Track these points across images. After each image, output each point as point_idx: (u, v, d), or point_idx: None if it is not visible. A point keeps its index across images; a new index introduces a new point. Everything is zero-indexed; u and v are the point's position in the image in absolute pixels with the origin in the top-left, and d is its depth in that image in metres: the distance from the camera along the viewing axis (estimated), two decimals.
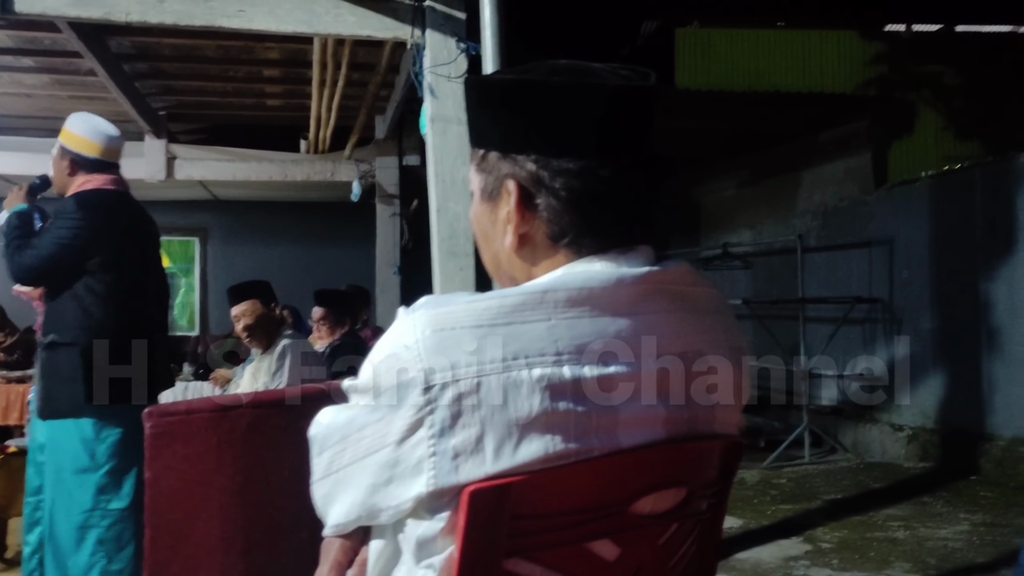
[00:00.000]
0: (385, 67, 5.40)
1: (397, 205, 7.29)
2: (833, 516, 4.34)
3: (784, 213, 8.10)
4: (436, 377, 0.81)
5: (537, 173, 0.90)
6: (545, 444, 0.82)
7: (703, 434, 0.95)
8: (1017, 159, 5.15)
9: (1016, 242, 5.07)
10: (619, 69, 0.92)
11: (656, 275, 0.91)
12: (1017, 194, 5.08)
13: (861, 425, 6.15)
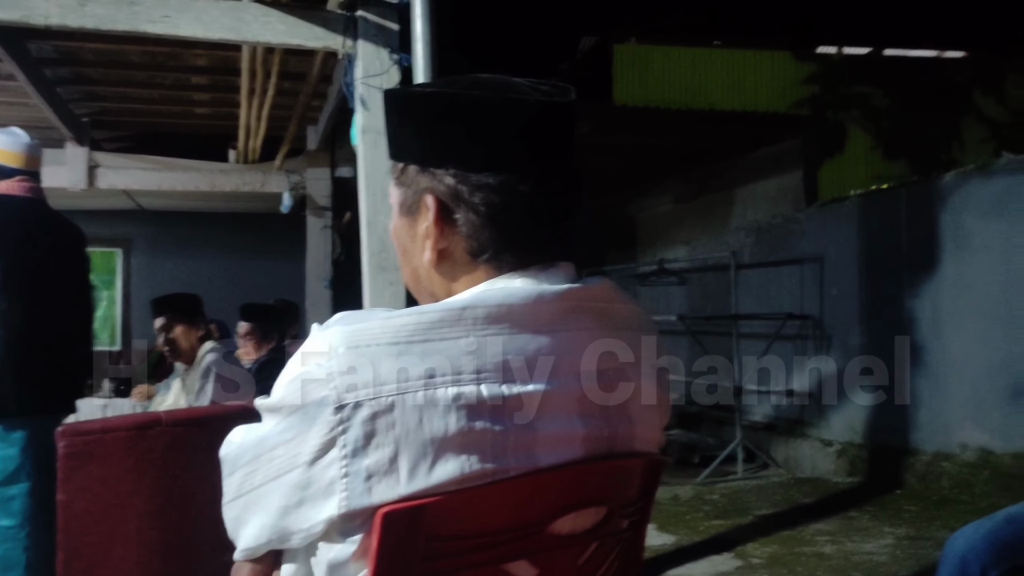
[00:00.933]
0: (316, 77, 5.35)
1: (329, 217, 7.21)
2: (764, 531, 4.41)
3: (719, 230, 8.26)
4: (349, 396, 0.80)
5: (456, 188, 0.90)
6: (461, 464, 0.82)
7: (623, 452, 0.95)
8: (939, 180, 5.34)
9: (938, 260, 5.26)
10: (540, 84, 0.93)
11: (577, 292, 0.91)
12: (939, 213, 5.27)
13: (792, 440, 6.29)
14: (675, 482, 5.76)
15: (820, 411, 6.21)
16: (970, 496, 4.77)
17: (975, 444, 4.96)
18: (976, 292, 4.99)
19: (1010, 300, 4.75)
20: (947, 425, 5.15)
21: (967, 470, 4.92)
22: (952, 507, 4.63)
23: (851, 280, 5.99)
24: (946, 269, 5.22)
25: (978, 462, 4.91)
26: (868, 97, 8.44)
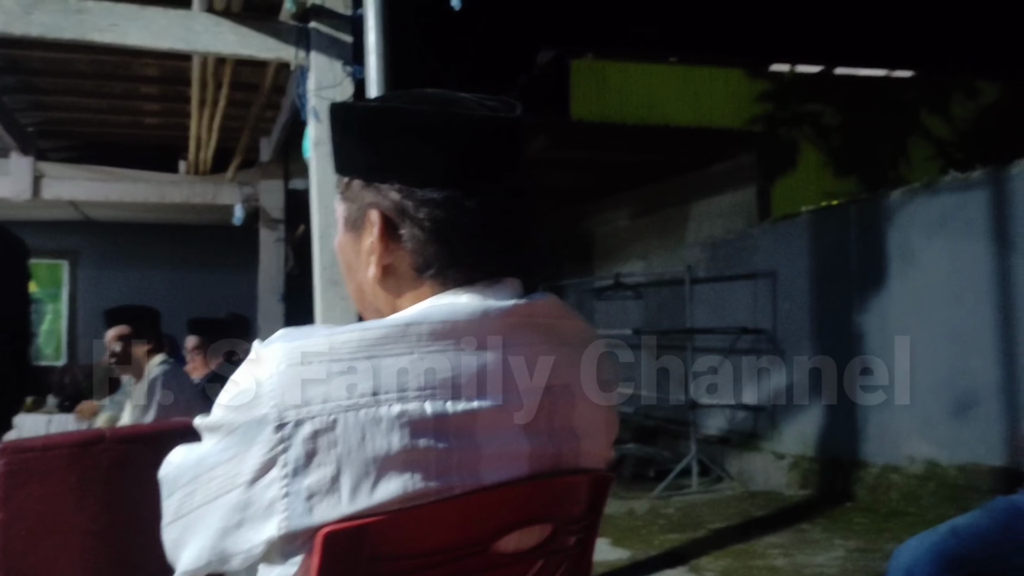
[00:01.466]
0: (269, 88, 5.32)
1: (282, 230, 7.15)
2: (717, 545, 4.45)
3: (674, 244, 8.35)
4: (290, 414, 0.79)
5: (401, 203, 0.90)
6: (404, 483, 0.81)
7: (569, 469, 0.95)
8: (887, 197, 5.46)
9: (886, 276, 5.37)
10: (486, 100, 0.93)
11: (523, 308, 0.91)
12: (887, 230, 5.38)
13: (746, 454, 6.35)
14: (631, 496, 5.78)
15: (773, 424, 6.29)
16: (918, 508, 4.86)
17: (922, 456, 5.06)
18: (922, 307, 5.11)
19: (954, 315, 4.86)
20: (895, 438, 5.24)
21: (915, 482, 5.02)
22: (900, 519, 4.71)
23: (803, 295, 6.09)
24: (894, 284, 5.33)
25: (925, 474, 5.01)
26: (820, 115, 8.60)
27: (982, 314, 4.69)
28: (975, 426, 4.72)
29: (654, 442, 7.44)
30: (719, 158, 8.54)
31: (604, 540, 4.61)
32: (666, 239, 8.74)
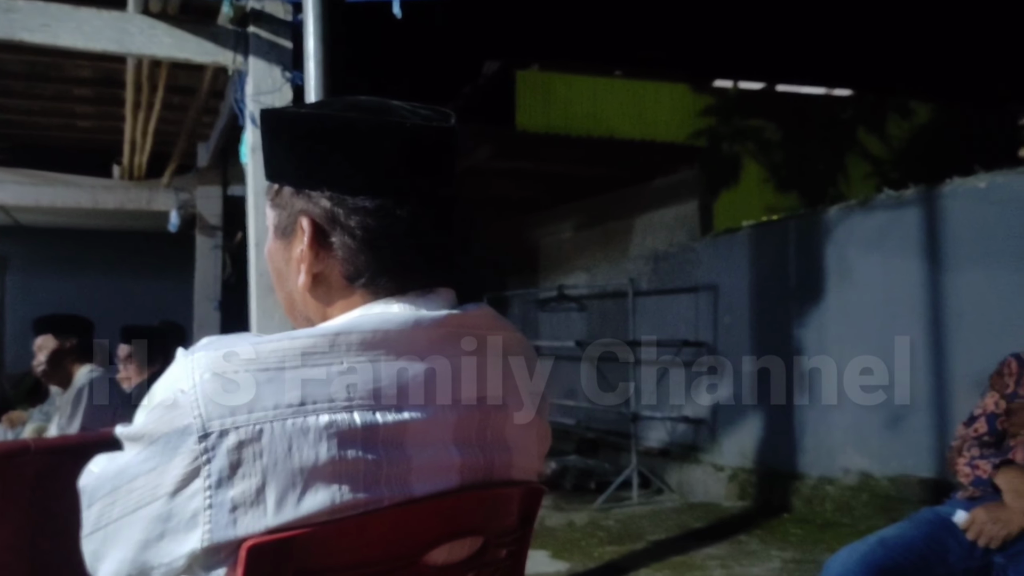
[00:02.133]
0: (207, 92, 5.24)
1: (220, 237, 7.04)
2: (656, 557, 4.49)
3: (618, 257, 8.43)
4: (214, 424, 0.78)
5: (332, 211, 0.90)
6: (332, 494, 0.81)
7: (500, 481, 0.96)
8: (824, 213, 5.60)
9: (823, 290, 5.50)
10: (419, 109, 0.93)
11: (456, 318, 0.92)
12: (824, 245, 5.51)
13: (686, 465, 6.43)
14: (571, 508, 5.80)
15: (713, 436, 6.38)
16: (851, 518, 4.97)
17: (856, 468, 5.19)
18: (857, 321, 5.24)
19: (887, 329, 5.00)
20: (831, 450, 5.36)
21: (849, 493, 5.13)
22: (835, 529, 4.81)
23: (743, 308, 6.20)
24: (830, 299, 5.46)
25: (859, 485, 5.13)
26: (761, 131, 8.78)
27: (914, 329, 4.83)
28: (906, 438, 4.85)
29: (595, 454, 7.48)
30: (663, 172, 8.66)
31: (543, 553, 4.61)
32: (610, 251, 8.82)
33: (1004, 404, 2.34)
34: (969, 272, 4.59)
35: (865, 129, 8.90)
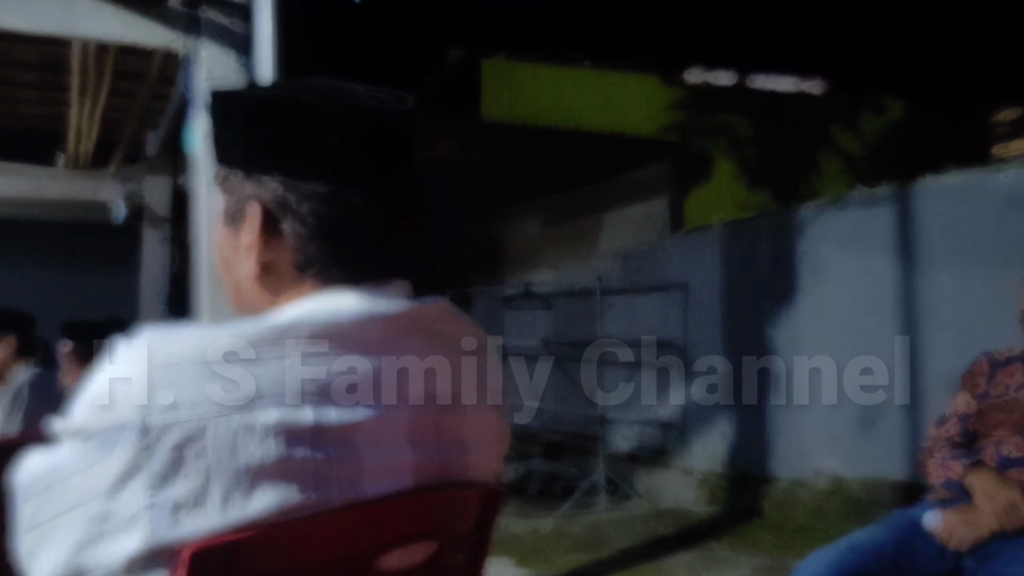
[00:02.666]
0: (156, 78, 5.16)
1: (168, 229, 6.94)
2: (624, 564, 4.51)
3: (586, 254, 8.45)
4: (155, 419, 0.77)
5: (283, 196, 0.88)
6: (279, 495, 0.80)
7: (456, 482, 0.95)
8: (797, 211, 5.66)
9: (796, 289, 5.56)
10: (377, 92, 0.92)
11: (412, 312, 0.91)
12: (797, 243, 5.58)
13: (655, 470, 6.46)
14: (536, 514, 5.81)
15: (683, 440, 6.42)
16: (823, 523, 5.03)
17: (828, 471, 5.25)
18: (830, 321, 5.31)
19: (861, 329, 5.07)
20: (802, 452, 5.43)
21: (821, 497, 5.20)
22: (806, 535, 4.86)
23: (714, 307, 6.25)
24: (803, 298, 5.52)
25: (831, 489, 5.20)
26: (733, 126, 8.84)
27: (887, 328, 4.91)
28: (878, 440, 4.93)
29: (561, 458, 7.50)
30: (632, 167, 8.68)
31: (507, 560, 4.62)
32: (577, 248, 8.84)
33: (975, 404, 2.38)
34: (942, 271, 4.67)
35: (838, 126, 9.01)
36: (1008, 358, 2.38)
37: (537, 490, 6.57)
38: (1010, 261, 2.82)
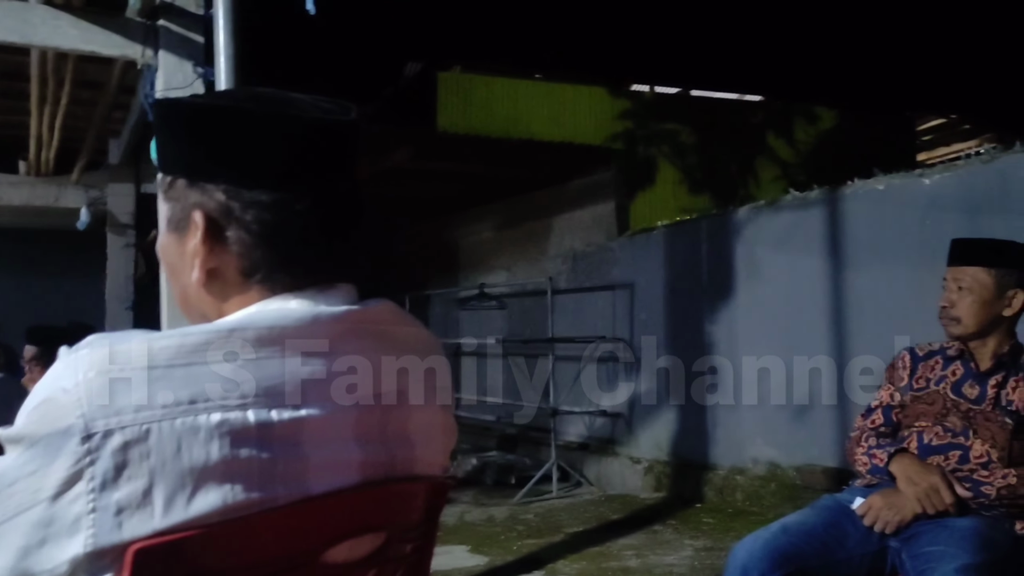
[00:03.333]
0: (116, 87, 5.04)
1: (132, 235, 6.80)
2: (574, 548, 4.52)
3: (537, 256, 8.46)
4: (98, 424, 0.74)
5: (227, 204, 0.87)
6: (224, 494, 0.78)
7: (403, 476, 0.94)
8: (735, 213, 5.73)
9: (734, 287, 5.63)
10: (321, 102, 0.91)
11: (356, 314, 0.90)
12: (735, 244, 5.64)
13: (604, 459, 6.50)
14: (491, 503, 5.81)
15: (630, 430, 6.46)
16: (760, 507, 5.10)
17: (765, 458, 5.32)
18: (765, 317, 5.38)
19: (793, 325, 5.14)
20: (741, 441, 5.49)
21: (758, 483, 5.27)
22: (745, 518, 4.92)
23: (658, 306, 6.30)
24: (740, 296, 5.59)
25: (767, 475, 5.27)
26: (676, 134, 8.92)
27: (818, 324, 4.98)
28: (811, 429, 5.00)
29: (516, 449, 7.51)
30: (580, 173, 8.72)
31: (463, 548, 4.61)
32: (529, 251, 8.85)
33: (899, 396, 2.42)
34: (868, 270, 4.75)
35: (774, 133, 9.14)
36: (929, 352, 2.43)
37: (493, 480, 6.56)
38: (932, 260, 2.88)
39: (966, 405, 2.27)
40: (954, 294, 2.30)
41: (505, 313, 8.24)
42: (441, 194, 9.53)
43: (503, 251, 9.32)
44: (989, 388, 2.26)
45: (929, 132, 10.38)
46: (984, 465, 2.19)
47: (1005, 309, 2.28)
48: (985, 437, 2.21)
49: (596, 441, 6.78)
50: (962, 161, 4.52)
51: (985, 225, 4.00)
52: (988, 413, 2.23)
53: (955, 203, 4.30)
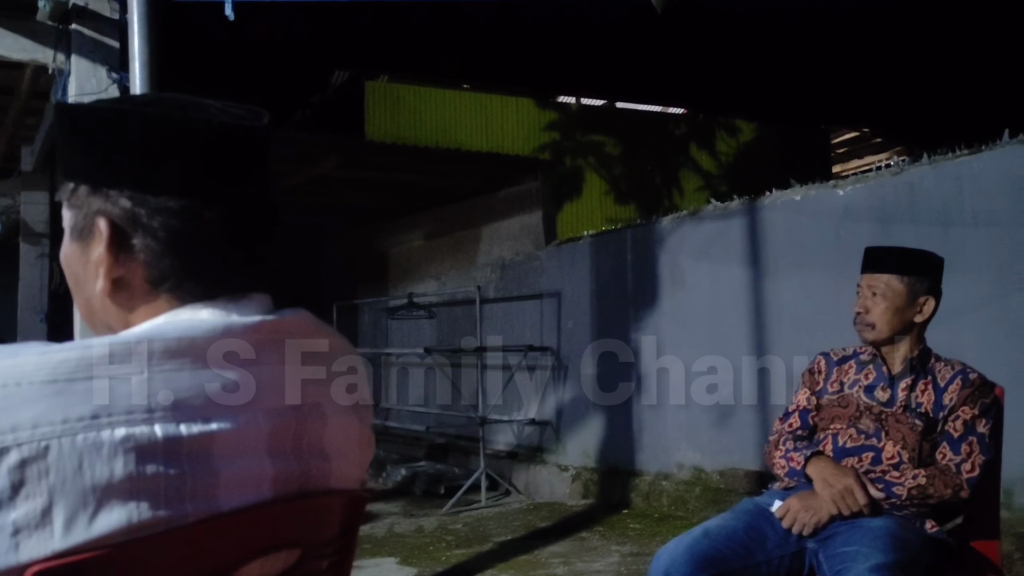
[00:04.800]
0: (27, 92, 4.84)
1: (46, 245, 6.54)
2: (502, 557, 4.51)
3: (466, 265, 8.45)
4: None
5: (133, 211, 0.83)
6: (129, 512, 0.74)
7: (318, 490, 0.91)
8: (659, 223, 5.81)
9: (658, 295, 5.71)
10: (230, 107, 0.88)
11: (271, 324, 0.87)
12: (659, 253, 5.73)
13: (532, 467, 6.50)
14: (420, 514, 5.75)
15: (558, 438, 6.48)
16: (685, 511, 5.17)
17: (689, 463, 5.40)
18: (689, 324, 5.47)
19: (715, 332, 5.24)
20: (667, 447, 5.56)
21: (683, 487, 5.34)
22: (671, 523, 4.99)
23: (585, 313, 6.34)
24: (665, 303, 5.67)
25: (692, 480, 5.35)
26: (602, 145, 9.02)
27: (739, 330, 5.09)
28: (734, 433, 5.10)
29: (445, 459, 7.46)
30: (509, 183, 8.74)
31: (391, 560, 4.55)
32: (458, 260, 8.83)
33: (815, 400, 2.48)
34: (786, 277, 4.87)
35: (697, 145, 9.32)
36: (843, 356, 2.49)
37: (422, 491, 6.51)
38: (846, 268, 2.96)
39: (878, 408, 2.33)
40: (868, 300, 2.36)
41: (434, 322, 8.20)
42: (371, 203, 9.45)
43: (432, 260, 9.28)
44: (900, 391, 2.33)
45: (843, 145, 10.75)
46: (895, 466, 2.25)
47: (916, 315, 2.35)
48: (896, 439, 2.28)
49: (525, 449, 6.79)
50: (873, 173, 4.67)
51: (895, 234, 4.14)
52: (899, 415, 2.30)
53: (867, 213, 4.44)
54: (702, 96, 8.83)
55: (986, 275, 3.88)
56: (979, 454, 2.23)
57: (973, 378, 2.30)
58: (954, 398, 2.28)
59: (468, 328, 7.29)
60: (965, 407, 2.26)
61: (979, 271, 3.89)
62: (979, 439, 2.24)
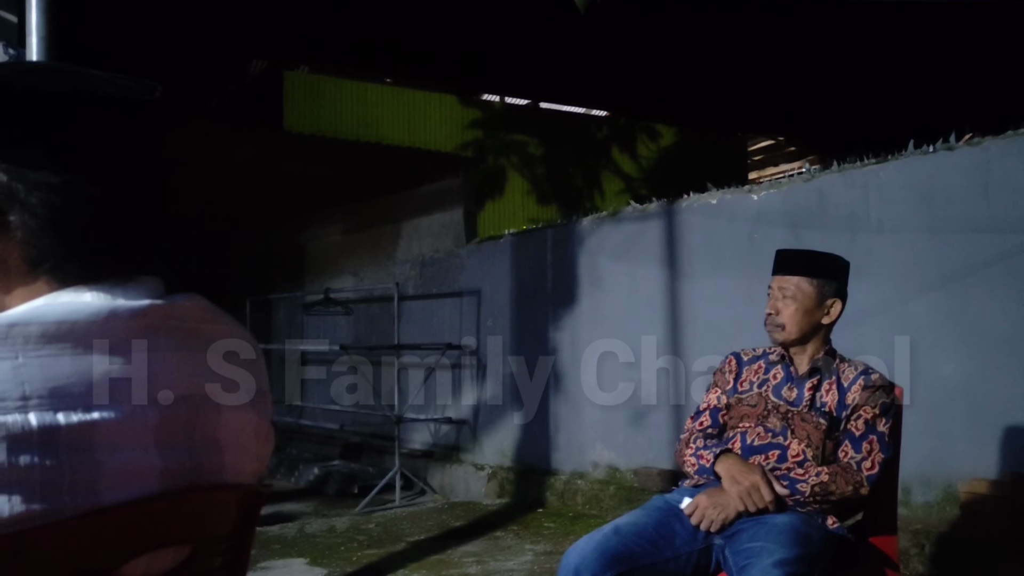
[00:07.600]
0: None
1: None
2: (415, 557, 4.47)
3: (385, 261, 8.36)
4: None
5: (9, 185, 0.78)
6: (1, 505, 0.70)
7: (210, 485, 0.88)
8: (579, 223, 5.86)
9: (576, 295, 5.75)
10: (120, 79, 0.84)
11: (160, 309, 0.83)
12: (578, 253, 5.77)
13: (448, 466, 6.48)
14: (333, 514, 5.66)
15: (474, 437, 6.47)
16: (599, 510, 5.22)
17: (604, 462, 5.46)
18: (606, 323, 5.52)
19: (632, 331, 5.30)
20: (582, 446, 5.61)
21: (597, 486, 5.39)
22: (585, 521, 5.02)
23: (504, 312, 6.35)
24: (583, 303, 5.72)
25: (606, 478, 5.41)
26: (525, 145, 9.05)
27: (655, 330, 5.16)
28: (648, 432, 5.17)
29: (359, 458, 7.37)
30: (430, 179, 8.69)
31: (301, 560, 4.46)
32: (377, 256, 8.74)
33: (725, 399, 2.53)
34: (701, 279, 4.97)
35: (618, 148, 9.44)
36: (753, 356, 2.55)
37: (335, 490, 6.42)
38: (759, 271, 3.03)
39: (785, 407, 2.39)
40: (779, 302, 2.42)
41: (351, 319, 8.10)
42: (288, 196, 9.27)
43: (351, 256, 9.16)
44: (806, 391, 2.39)
45: (759, 152, 11.04)
46: (800, 463, 2.31)
47: (824, 317, 2.42)
48: (801, 437, 2.34)
49: (441, 448, 6.75)
50: (786, 179, 4.80)
51: (806, 238, 4.26)
52: (804, 414, 2.37)
53: (780, 218, 4.56)
54: (624, 99, 8.95)
55: (890, 280, 4.03)
56: (879, 452, 2.30)
57: (875, 379, 2.38)
58: (856, 398, 2.35)
59: (386, 325, 7.22)
60: (866, 407, 2.34)
61: (883, 276, 4.04)
62: (879, 438, 2.32)
